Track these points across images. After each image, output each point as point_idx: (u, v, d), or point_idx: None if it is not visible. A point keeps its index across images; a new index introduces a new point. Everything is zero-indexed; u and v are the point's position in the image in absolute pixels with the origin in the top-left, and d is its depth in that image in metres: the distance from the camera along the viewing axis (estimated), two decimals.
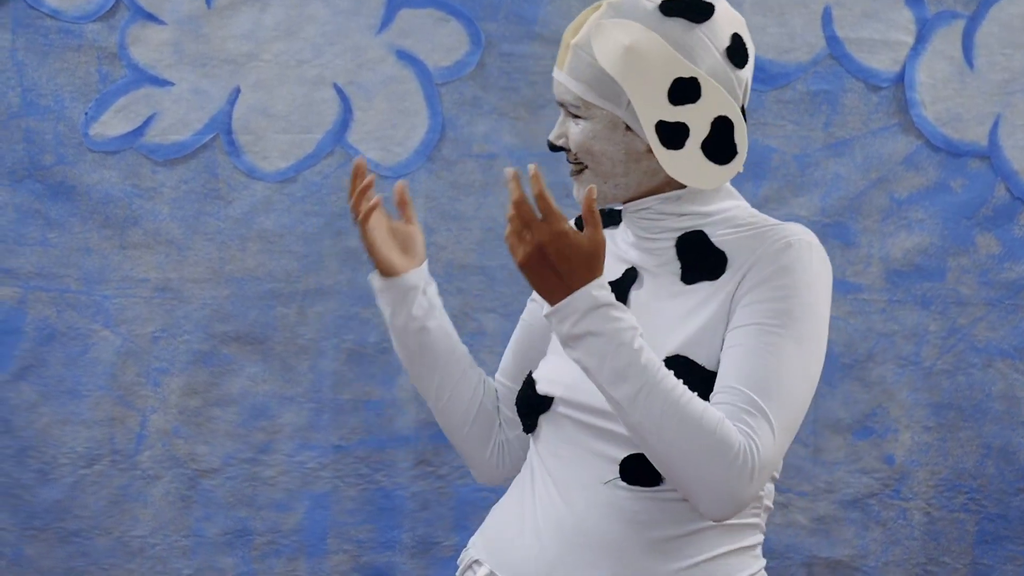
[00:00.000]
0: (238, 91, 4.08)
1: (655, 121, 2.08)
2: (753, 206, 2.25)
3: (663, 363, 2.04)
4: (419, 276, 2.39)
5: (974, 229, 4.07)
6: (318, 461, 4.15)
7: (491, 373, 2.50)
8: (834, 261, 4.04)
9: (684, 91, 2.08)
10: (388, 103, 4.08)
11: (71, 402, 4.13)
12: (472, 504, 4.09)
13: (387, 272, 2.40)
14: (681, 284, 2.14)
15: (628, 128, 2.12)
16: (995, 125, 4.05)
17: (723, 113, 2.10)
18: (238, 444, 4.15)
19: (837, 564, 4.12)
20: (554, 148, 2.20)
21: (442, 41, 4.07)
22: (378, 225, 2.40)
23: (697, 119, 2.09)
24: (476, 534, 2.32)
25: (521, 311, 2.49)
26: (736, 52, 2.12)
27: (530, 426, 2.24)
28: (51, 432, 4.14)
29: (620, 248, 2.24)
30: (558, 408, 2.19)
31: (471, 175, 4.10)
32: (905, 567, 4.11)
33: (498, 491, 2.48)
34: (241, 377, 4.14)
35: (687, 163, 2.09)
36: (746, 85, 2.16)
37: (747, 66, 2.14)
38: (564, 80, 2.14)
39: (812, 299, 2.11)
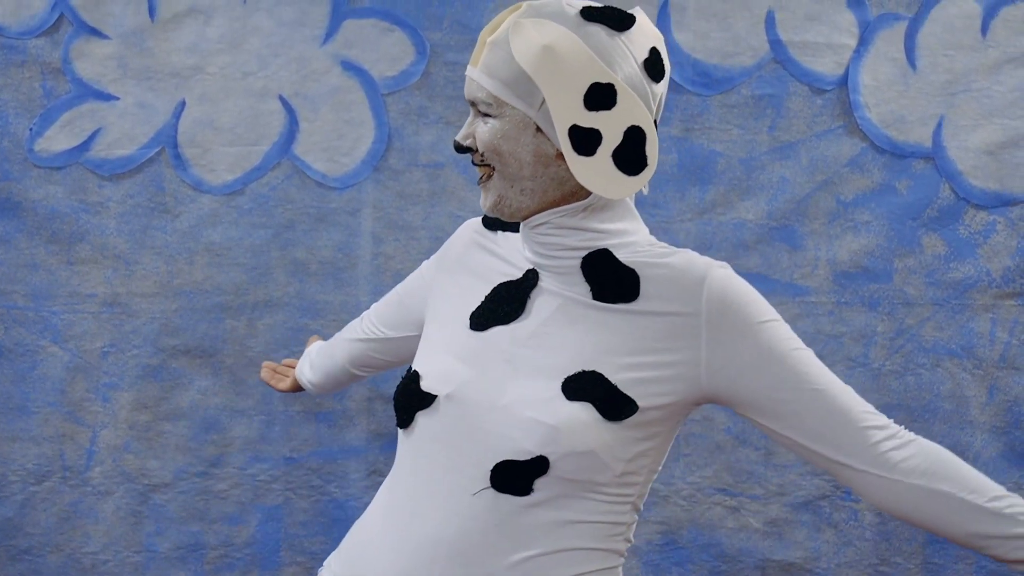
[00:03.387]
0: (183, 104, 4.07)
1: (569, 125, 2.03)
2: (700, 210, 2.26)
3: (572, 378, 2.05)
4: (301, 369, 2.91)
5: (920, 230, 4.09)
6: (270, 474, 4.14)
7: None
8: (781, 264, 4.09)
9: (600, 96, 2.04)
10: (334, 114, 4.08)
11: (20, 419, 4.11)
12: None
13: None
14: (593, 304, 2.11)
15: (539, 130, 2.07)
16: (939, 126, 4.07)
17: (637, 123, 2.06)
18: (189, 458, 4.13)
19: (790, 566, 4.13)
20: (461, 149, 2.14)
21: (387, 51, 4.07)
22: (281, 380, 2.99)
23: (611, 126, 2.04)
24: (334, 552, 2.30)
25: None
26: (654, 66, 2.08)
27: (405, 421, 2.18)
28: (0, 449, 4.12)
29: (521, 253, 2.22)
30: (441, 407, 2.14)
31: (418, 184, 4.10)
32: (858, 568, 4.12)
33: None
34: (191, 391, 4.12)
35: (596, 171, 2.05)
36: (660, 100, 2.11)
37: (662, 82, 2.11)
38: (477, 77, 2.09)
39: (767, 309, 2.10)
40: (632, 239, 2.14)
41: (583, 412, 2.05)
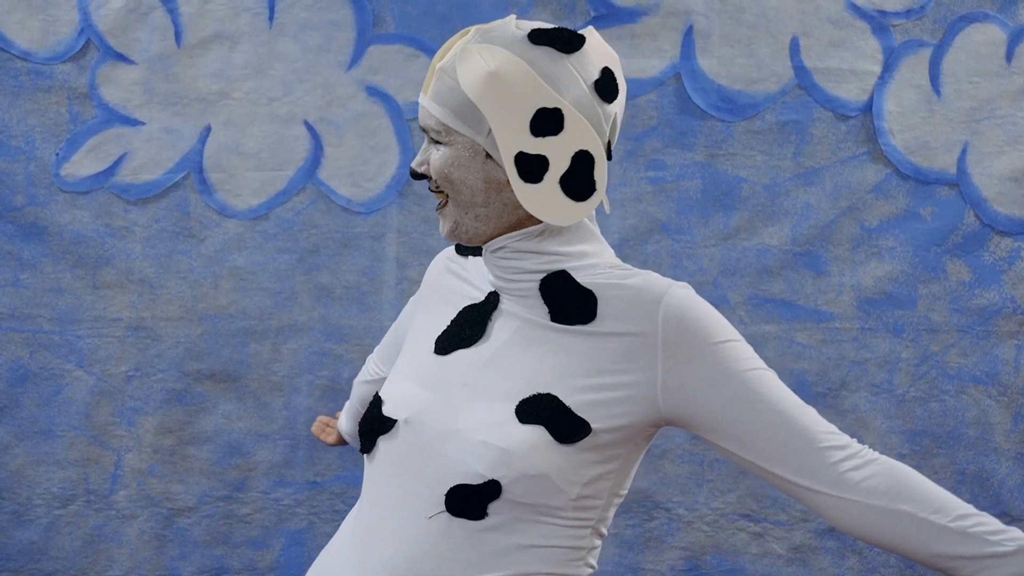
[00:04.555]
0: (209, 129, 4.09)
1: (515, 152, 2.02)
2: (724, 236, 2.24)
3: (525, 401, 2.04)
4: (341, 423, 3.02)
5: (944, 256, 4.09)
6: (294, 498, 4.14)
7: None
8: (805, 290, 4.09)
9: (547, 122, 2.01)
10: (359, 139, 4.09)
11: (45, 443, 4.12)
12: None
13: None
14: (551, 326, 2.09)
15: (489, 156, 2.06)
16: (963, 152, 4.07)
17: (584, 147, 2.03)
18: (213, 482, 4.14)
19: None
20: (416, 176, 2.13)
21: (411, 76, 4.08)
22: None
23: (557, 152, 2.02)
24: None
25: None
26: (605, 86, 2.05)
27: (368, 445, 2.18)
28: (25, 473, 4.13)
29: (483, 276, 2.22)
30: (400, 432, 2.13)
31: None
32: None
33: None
34: (215, 415, 4.13)
35: (543, 198, 2.03)
36: (614, 120, 2.09)
37: (616, 101, 2.08)
38: (427, 105, 2.07)
39: (725, 329, 2.07)
40: (592, 261, 2.12)
41: (534, 435, 2.03)
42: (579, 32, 2.07)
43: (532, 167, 2.02)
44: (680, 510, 4.10)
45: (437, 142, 2.09)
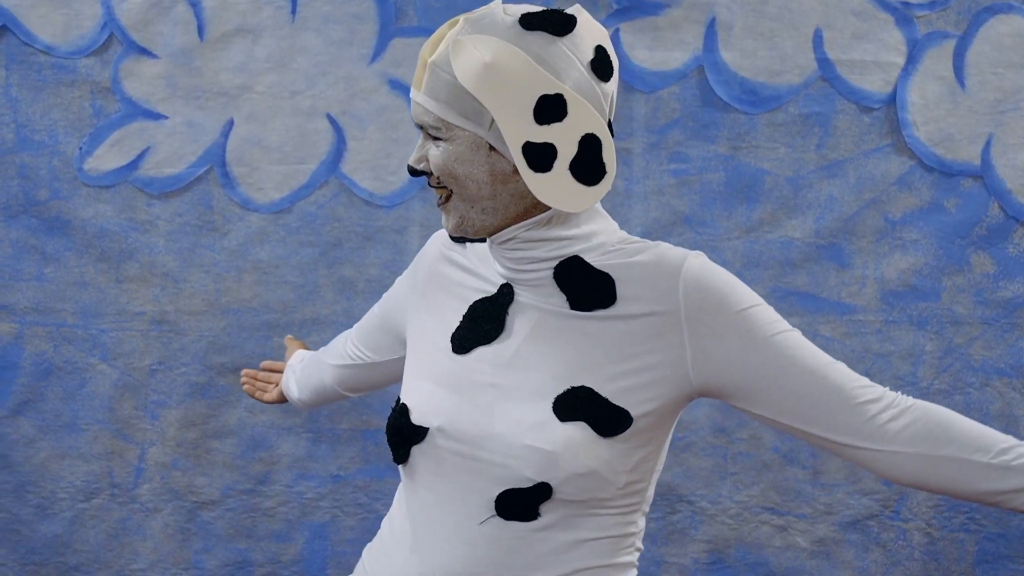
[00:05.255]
0: (232, 123, 4.09)
1: (522, 142, 1.97)
2: (747, 228, 2.22)
3: (562, 397, 2.03)
4: (287, 385, 2.90)
5: (968, 248, 4.07)
6: (317, 491, 4.14)
7: None
8: (829, 282, 4.08)
9: (550, 109, 1.97)
10: (381, 132, 4.09)
11: (69, 436, 4.13)
12: None
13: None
14: (571, 314, 2.07)
15: (492, 148, 2.01)
16: (987, 144, 4.06)
17: (591, 131, 1.99)
18: (237, 476, 4.14)
19: None
20: (415, 172, 2.08)
21: None
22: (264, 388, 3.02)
23: (564, 138, 1.98)
24: None
25: None
26: (600, 65, 2.02)
27: (402, 456, 2.15)
28: (50, 467, 4.14)
29: (493, 267, 2.16)
30: (435, 440, 2.11)
31: None
32: None
33: None
34: (239, 408, 4.14)
35: (556, 186, 1.99)
36: (612, 99, 2.05)
37: (612, 79, 2.04)
38: (423, 101, 2.02)
39: (746, 295, 2.05)
40: (601, 240, 2.09)
41: (578, 432, 2.02)
42: (568, 12, 2.02)
43: (541, 156, 1.98)
44: (703, 503, 4.09)
45: (436, 138, 2.04)
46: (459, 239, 2.14)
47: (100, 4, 4.05)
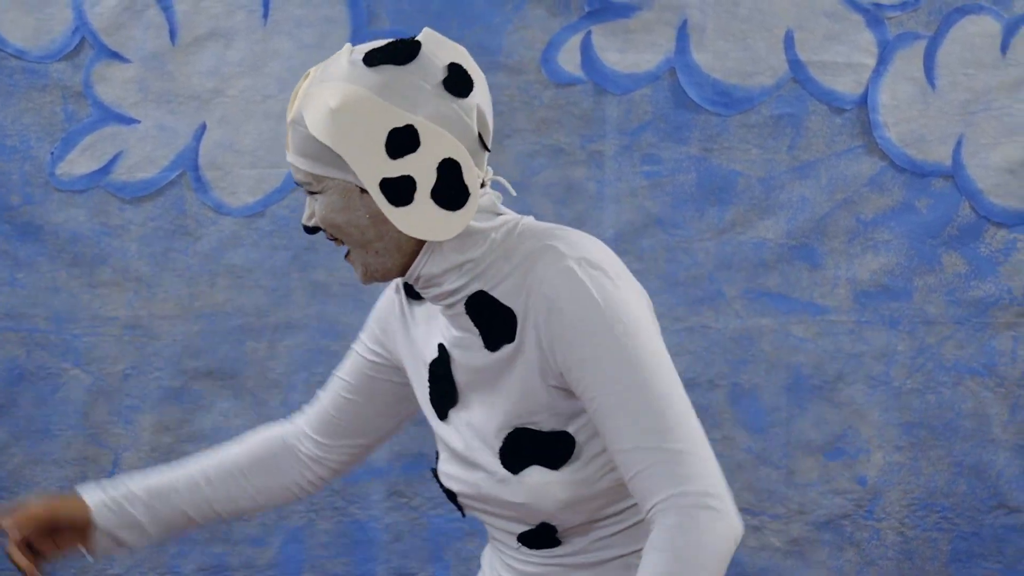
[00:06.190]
0: (204, 127, 4.08)
1: (378, 180, 1.97)
2: (719, 230, 2.20)
3: (503, 448, 2.06)
4: (100, 517, 2.44)
5: (940, 248, 4.09)
6: None
7: None
8: (801, 283, 4.09)
9: (401, 141, 1.97)
10: None
11: (43, 442, 4.12)
12: (447, 535, 4.09)
13: (88, 547, 2.47)
14: (488, 352, 2.06)
15: (363, 191, 2.00)
16: (958, 144, 4.07)
17: (448, 155, 1.98)
18: None
19: None
20: (310, 230, 2.10)
21: None
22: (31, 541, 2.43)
23: (421, 168, 1.98)
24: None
25: None
26: (456, 81, 2.00)
27: (461, 511, 2.24)
28: (23, 473, 4.13)
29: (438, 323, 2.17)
30: (463, 499, 2.19)
31: None
32: None
33: (472, 522, 2.48)
34: (213, 413, 4.13)
35: (420, 217, 1.98)
36: (478, 112, 2.02)
37: (473, 92, 2.02)
38: (293, 160, 2.03)
39: (616, 315, 1.98)
40: (492, 257, 2.07)
41: (535, 476, 2.06)
42: (414, 39, 2.02)
43: (399, 190, 1.97)
44: None
45: (312, 192, 2.04)
46: (410, 294, 2.17)
47: (71, 8, 4.04)
